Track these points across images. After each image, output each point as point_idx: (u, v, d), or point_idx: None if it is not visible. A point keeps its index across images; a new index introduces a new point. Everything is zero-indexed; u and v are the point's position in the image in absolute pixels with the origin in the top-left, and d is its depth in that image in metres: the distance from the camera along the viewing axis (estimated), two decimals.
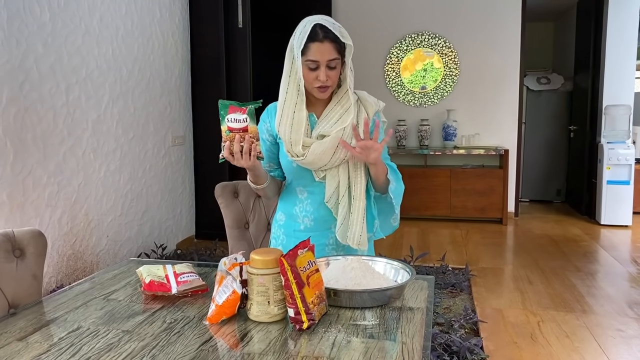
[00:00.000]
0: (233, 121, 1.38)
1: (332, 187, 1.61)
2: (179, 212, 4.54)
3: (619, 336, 2.76)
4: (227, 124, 1.38)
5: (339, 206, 1.62)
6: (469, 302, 3.18)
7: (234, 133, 1.39)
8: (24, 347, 1.09)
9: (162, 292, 1.37)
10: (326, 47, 1.48)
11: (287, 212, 1.73)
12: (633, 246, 4.61)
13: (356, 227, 1.61)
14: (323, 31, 1.48)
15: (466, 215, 5.56)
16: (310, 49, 1.48)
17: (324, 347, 1.08)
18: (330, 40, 1.48)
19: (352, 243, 1.61)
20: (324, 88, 1.53)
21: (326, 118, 1.59)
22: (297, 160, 1.58)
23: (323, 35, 1.47)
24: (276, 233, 1.78)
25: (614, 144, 5.31)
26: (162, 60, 4.17)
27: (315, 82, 1.52)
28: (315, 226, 1.68)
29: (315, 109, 1.62)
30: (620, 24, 5.39)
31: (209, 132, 4.67)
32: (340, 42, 1.50)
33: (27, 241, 1.50)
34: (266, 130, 1.67)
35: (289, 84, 1.56)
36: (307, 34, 1.47)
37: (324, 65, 1.49)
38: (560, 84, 6.58)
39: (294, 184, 1.70)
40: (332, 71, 1.51)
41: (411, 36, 5.85)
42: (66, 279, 3.19)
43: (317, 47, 1.47)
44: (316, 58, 1.48)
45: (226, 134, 1.40)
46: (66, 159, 3.18)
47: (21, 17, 2.82)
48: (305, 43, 1.48)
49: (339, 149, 1.55)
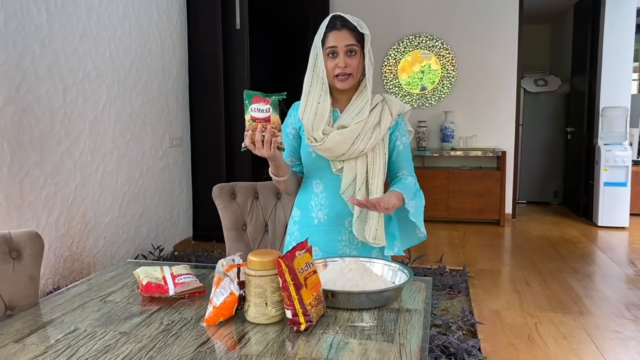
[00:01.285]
0: (256, 111, 1.40)
1: (349, 179, 1.62)
2: (177, 213, 4.53)
3: (616, 337, 2.76)
4: (250, 113, 1.40)
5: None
6: (466, 304, 3.18)
7: (257, 122, 1.41)
8: (20, 349, 1.09)
9: (159, 294, 1.36)
10: (343, 34, 1.55)
11: (303, 206, 1.74)
12: (630, 247, 4.62)
13: (372, 221, 1.61)
14: (341, 20, 1.57)
15: (464, 216, 5.56)
16: (328, 37, 1.56)
17: (322, 348, 1.08)
18: (348, 29, 1.56)
19: (369, 237, 1.61)
20: (343, 76, 1.57)
21: (348, 111, 1.62)
22: (315, 146, 1.59)
23: (341, 24, 1.56)
24: (291, 229, 1.79)
25: (611, 145, 5.33)
26: (159, 62, 4.17)
27: (335, 70, 1.57)
28: (329, 221, 1.68)
29: (338, 105, 1.66)
30: (617, 26, 5.40)
31: (207, 133, 4.67)
32: (358, 32, 1.56)
33: (24, 242, 1.50)
34: (290, 124, 1.72)
35: (312, 78, 1.61)
36: (326, 25, 1.57)
37: (343, 51, 1.55)
38: (558, 85, 6.60)
39: (311, 177, 1.71)
40: (351, 59, 1.56)
41: (409, 38, 5.86)
42: (63, 280, 3.18)
43: (335, 34, 1.55)
44: (334, 44, 1.55)
45: (249, 123, 1.42)
46: (63, 160, 3.17)
47: (18, 18, 2.82)
48: (325, 32, 1.57)
49: (358, 140, 1.57)
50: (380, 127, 1.60)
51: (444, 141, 5.75)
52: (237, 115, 4.64)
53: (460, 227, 5.39)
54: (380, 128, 1.60)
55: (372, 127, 1.59)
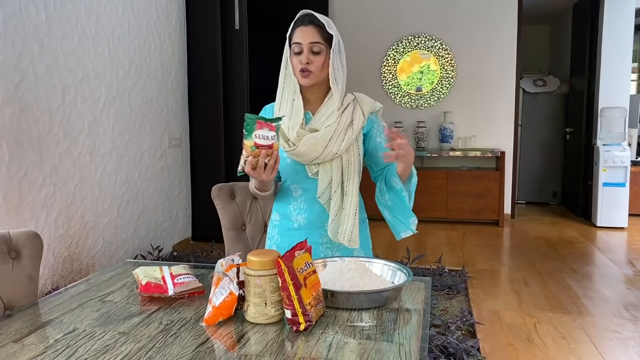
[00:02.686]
0: (261, 138, 1.36)
1: (325, 182, 1.62)
2: (175, 213, 4.53)
3: (615, 337, 2.77)
4: (254, 139, 1.36)
5: (331, 202, 1.62)
6: (465, 304, 3.19)
7: (260, 149, 1.38)
8: (19, 349, 1.08)
9: (158, 294, 1.36)
10: (309, 30, 1.54)
11: (282, 211, 1.73)
12: (629, 248, 4.62)
13: (347, 223, 1.62)
14: (309, 17, 1.56)
15: (462, 217, 5.56)
16: (295, 32, 1.56)
17: (321, 348, 1.08)
18: (315, 25, 1.55)
19: (343, 239, 1.61)
20: (305, 72, 1.56)
21: (319, 114, 1.62)
22: (288, 151, 1.59)
23: (308, 20, 1.56)
24: (271, 233, 1.79)
25: (610, 146, 5.33)
26: (158, 62, 4.17)
27: (298, 66, 1.56)
28: (309, 224, 1.68)
29: (310, 107, 1.65)
30: (616, 26, 5.41)
31: (206, 134, 4.66)
32: (325, 30, 1.55)
33: (22, 242, 1.49)
34: None
35: (285, 76, 1.61)
36: (295, 21, 1.58)
37: (307, 48, 1.54)
38: (556, 86, 6.60)
39: (288, 182, 1.70)
40: (315, 57, 1.55)
41: (408, 38, 5.86)
42: (62, 281, 3.18)
43: (301, 30, 1.55)
44: (299, 40, 1.55)
45: (251, 149, 1.37)
46: (62, 161, 3.17)
47: (17, 18, 2.82)
48: (292, 28, 1.57)
49: (331, 143, 1.56)
50: (353, 128, 1.60)
51: (442, 141, 5.76)
52: (236, 116, 4.64)
53: (459, 228, 5.39)
54: (352, 129, 1.60)
55: (344, 128, 1.58)
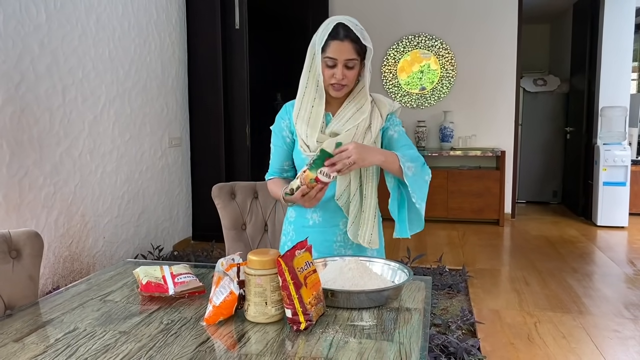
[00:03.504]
0: (324, 174, 1.43)
1: (343, 185, 1.62)
2: (176, 213, 4.53)
3: (616, 337, 2.76)
4: (317, 174, 1.42)
5: (350, 204, 1.63)
6: (466, 303, 3.19)
7: (318, 184, 1.44)
8: (20, 349, 1.09)
9: (159, 293, 1.36)
10: (345, 47, 1.50)
11: (298, 209, 1.74)
12: (629, 247, 4.62)
13: (367, 225, 1.63)
14: (344, 30, 1.50)
15: (463, 216, 5.56)
16: (330, 46, 1.50)
17: (322, 347, 1.08)
18: (351, 40, 1.50)
19: (363, 242, 1.63)
20: (339, 86, 1.55)
21: (339, 116, 1.60)
22: (309, 156, 1.59)
23: (344, 35, 1.49)
24: (286, 229, 1.79)
25: (610, 145, 5.33)
26: (158, 61, 4.17)
27: (331, 79, 1.54)
28: (324, 222, 1.69)
29: (331, 108, 1.63)
30: (616, 25, 5.41)
31: (206, 133, 4.66)
32: (360, 44, 1.51)
33: (23, 242, 1.49)
34: (285, 127, 1.68)
35: (308, 79, 1.58)
36: (329, 32, 1.50)
37: (342, 63, 1.51)
38: (557, 85, 6.60)
39: None
40: (349, 71, 1.53)
41: (408, 38, 5.86)
42: (62, 280, 3.18)
43: (337, 45, 1.50)
44: (335, 56, 1.50)
45: (310, 181, 1.43)
46: (62, 160, 3.17)
47: (17, 17, 2.82)
48: (326, 40, 1.50)
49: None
50: (371, 131, 1.60)
51: (443, 141, 5.75)
52: (236, 115, 4.64)
53: (460, 227, 5.39)
54: (371, 132, 1.60)
55: (363, 132, 1.58)
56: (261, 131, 5.39)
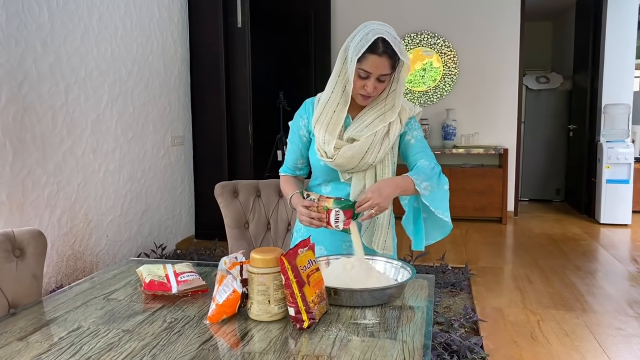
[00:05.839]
0: (336, 219, 1.48)
1: (358, 189, 1.62)
2: (179, 212, 4.53)
3: (619, 335, 2.76)
4: (333, 212, 1.47)
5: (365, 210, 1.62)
6: (468, 301, 3.18)
7: (328, 217, 1.48)
8: (24, 347, 1.09)
9: (162, 292, 1.37)
10: (382, 62, 1.47)
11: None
12: (632, 245, 4.61)
13: (381, 232, 1.64)
14: (384, 45, 1.46)
15: (466, 214, 5.56)
16: (367, 59, 1.47)
17: (325, 346, 1.08)
18: (388, 56, 1.47)
19: (377, 247, 1.63)
20: (367, 97, 1.55)
21: (359, 120, 1.60)
22: (326, 161, 1.59)
23: (383, 50, 1.46)
24: (298, 226, 1.79)
25: (613, 142, 5.32)
26: (161, 60, 4.17)
27: (361, 90, 1.53)
28: None
29: (351, 111, 1.62)
30: (619, 22, 5.39)
31: (209, 132, 4.67)
32: (396, 58, 1.49)
33: (27, 241, 1.50)
34: (303, 126, 1.68)
35: (336, 84, 1.56)
36: (368, 44, 1.45)
37: (375, 77, 1.49)
38: (560, 83, 6.58)
39: (319, 179, 1.72)
40: (381, 84, 1.52)
41: (410, 35, 5.85)
42: (66, 279, 3.19)
43: (374, 60, 1.47)
44: (370, 70, 1.48)
45: (324, 208, 1.48)
46: (65, 159, 3.18)
47: (20, 16, 2.82)
48: (364, 53, 1.46)
49: (367, 154, 1.56)
50: (389, 137, 1.59)
51: (445, 139, 5.75)
52: (238, 114, 4.64)
53: (462, 225, 5.38)
54: (389, 138, 1.59)
55: (381, 139, 1.58)
56: (263, 129, 5.41)
